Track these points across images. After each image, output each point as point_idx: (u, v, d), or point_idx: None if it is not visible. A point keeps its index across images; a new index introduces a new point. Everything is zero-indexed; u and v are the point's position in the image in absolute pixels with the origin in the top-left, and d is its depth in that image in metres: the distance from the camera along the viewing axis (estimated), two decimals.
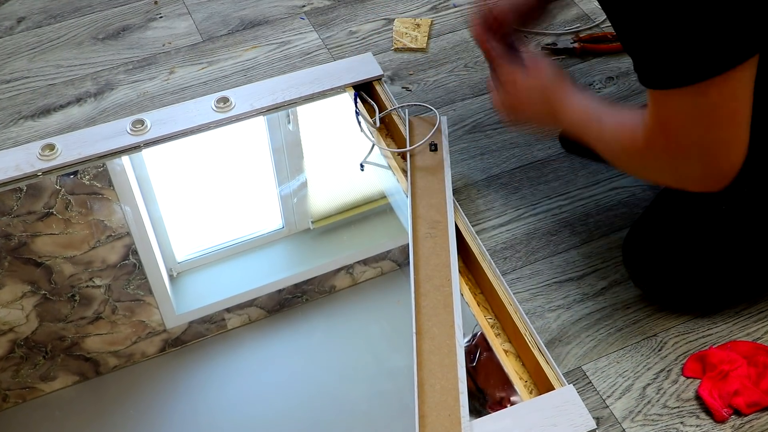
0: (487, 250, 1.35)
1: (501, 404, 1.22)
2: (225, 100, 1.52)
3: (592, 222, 1.48)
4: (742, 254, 1.26)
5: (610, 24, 1.01)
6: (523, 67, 1.27)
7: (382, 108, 1.55)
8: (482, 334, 1.25)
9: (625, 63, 1.72)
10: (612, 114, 1.13)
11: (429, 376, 1.15)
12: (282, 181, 1.64)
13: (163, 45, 1.81)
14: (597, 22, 1.82)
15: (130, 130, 1.48)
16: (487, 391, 1.24)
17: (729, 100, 0.92)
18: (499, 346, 1.25)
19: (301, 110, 1.61)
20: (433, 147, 1.44)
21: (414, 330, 1.19)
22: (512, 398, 1.21)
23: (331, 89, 1.55)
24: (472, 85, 1.70)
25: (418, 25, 1.83)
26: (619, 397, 1.26)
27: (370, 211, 1.58)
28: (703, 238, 1.26)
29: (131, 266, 1.46)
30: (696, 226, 1.26)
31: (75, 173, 1.50)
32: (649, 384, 1.28)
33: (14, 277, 1.44)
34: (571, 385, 1.16)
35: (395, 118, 1.53)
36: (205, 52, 1.79)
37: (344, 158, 1.66)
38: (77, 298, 1.42)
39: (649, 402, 1.26)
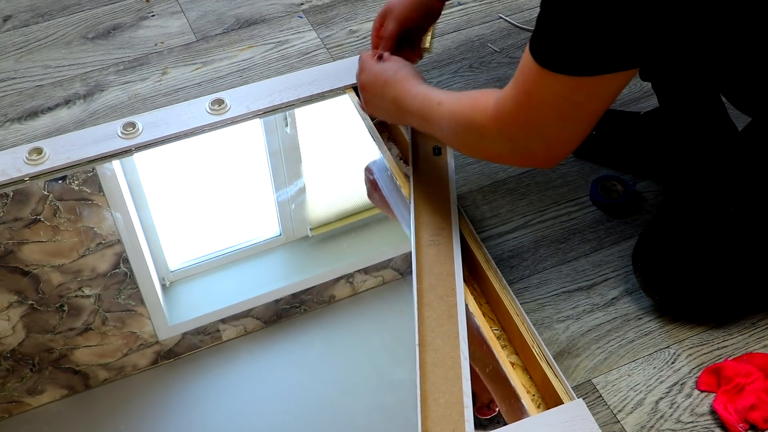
0: (493, 258, 1.36)
1: (490, 408, 1.23)
2: (220, 102, 1.53)
3: (603, 229, 1.48)
4: (754, 257, 1.27)
5: None
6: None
7: None
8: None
9: None
10: (454, 95, 1.21)
11: (432, 390, 1.15)
12: (279, 186, 1.65)
13: (156, 45, 1.82)
14: None
15: (121, 133, 1.49)
16: (476, 394, 1.24)
17: (592, 100, 1.04)
18: (505, 358, 1.25)
19: (299, 112, 1.62)
20: (437, 151, 1.45)
21: (417, 342, 1.20)
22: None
23: (331, 91, 1.56)
24: (478, 87, 1.71)
25: None
26: (631, 412, 1.27)
27: (371, 217, 1.58)
28: (714, 241, 1.27)
29: (122, 275, 1.47)
30: (705, 230, 1.27)
31: (63, 178, 1.51)
32: (661, 398, 1.28)
33: (0, 286, 1.44)
34: (581, 399, 1.17)
35: None
36: (199, 52, 1.80)
37: (344, 163, 1.66)
38: (66, 308, 1.43)
39: (662, 417, 1.26)
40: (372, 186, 1.52)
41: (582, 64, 0.99)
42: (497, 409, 1.25)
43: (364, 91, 1.40)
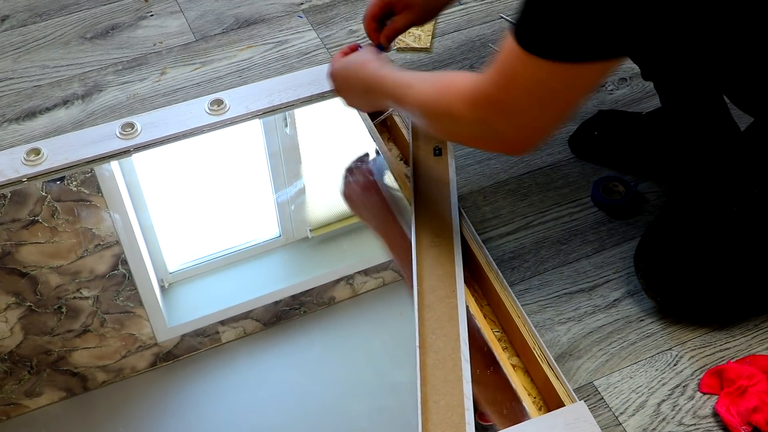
0: (494, 259, 1.36)
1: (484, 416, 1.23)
2: (219, 102, 1.53)
3: (605, 230, 1.49)
4: (757, 258, 1.27)
5: None
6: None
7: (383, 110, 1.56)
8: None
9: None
10: (424, 76, 1.21)
11: (433, 392, 1.15)
12: (279, 187, 1.65)
13: (154, 44, 1.83)
14: None
15: (120, 133, 1.49)
16: (478, 400, 1.24)
17: (571, 89, 1.04)
18: (506, 360, 1.25)
19: (299, 113, 1.62)
20: (438, 151, 1.45)
21: (417, 344, 1.20)
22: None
23: (331, 91, 1.56)
24: None
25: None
26: (633, 414, 1.27)
27: None
28: (716, 243, 1.27)
29: (120, 277, 1.47)
30: (708, 231, 1.27)
31: (62, 179, 1.51)
32: (664, 400, 1.28)
33: None
34: (582, 401, 1.17)
35: (397, 121, 1.54)
36: (198, 52, 1.80)
37: (344, 163, 1.66)
38: (64, 310, 1.43)
39: (664, 419, 1.26)
40: (358, 188, 1.52)
41: (565, 50, 0.98)
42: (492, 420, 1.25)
43: (335, 83, 1.40)
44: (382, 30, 1.42)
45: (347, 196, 1.56)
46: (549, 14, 0.98)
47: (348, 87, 1.37)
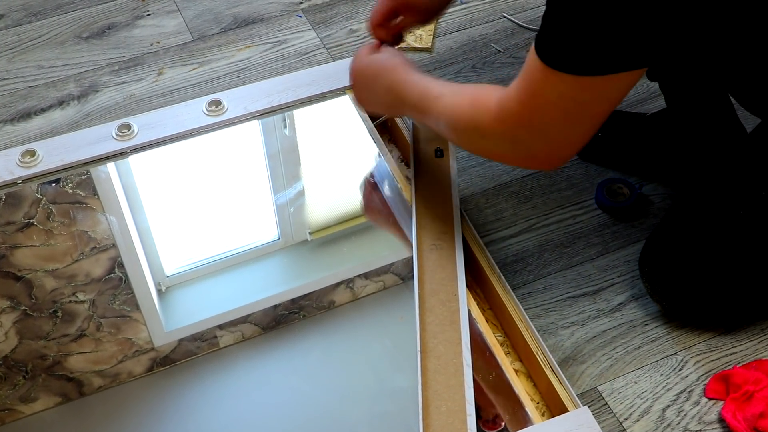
0: (497, 262, 1.36)
1: (495, 423, 1.23)
2: (217, 103, 1.53)
3: (609, 233, 1.49)
4: (763, 261, 1.27)
5: None
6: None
7: None
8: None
9: None
10: (453, 87, 1.21)
11: (434, 398, 1.15)
12: (278, 189, 1.65)
13: (151, 44, 1.83)
14: None
15: (116, 135, 1.49)
16: (481, 407, 1.24)
17: (598, 101, 1.05)
18: (509, 365, 1.25)
19: (298, 114, 1.62)
20: (439, 153, 1.46)
21: (418, 348, 1.20)
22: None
23: (330, 92, 1.57)
24: None
25: None
26: (637, 420, 1.27)
27: (372, 221, 1.58)
28: (723, 246, 1.27)
29: (117, 280, 1.47)
30: (714, 234, 1.27)
31: (57, 181, 1.51)
32: (669, 406, 1.29)
33: None
34: (586, 406, 1.17)
35: (398, 122, 1.54)
36: (195, 52, 1.81)
37: (344, 165, 1.67)
38: (59, 314, 1.43)
39: (669, 425, 1.26)
40: (373, 199, 1.52)
41: (588, 64, 0.99)
42: (503, 423, 1.25)
43: (354, 80, 1.39)
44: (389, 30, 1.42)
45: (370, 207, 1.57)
46: (570, 28, 0.98)
47: (369, 87, 1.35)
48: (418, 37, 1.80)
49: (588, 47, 0.98)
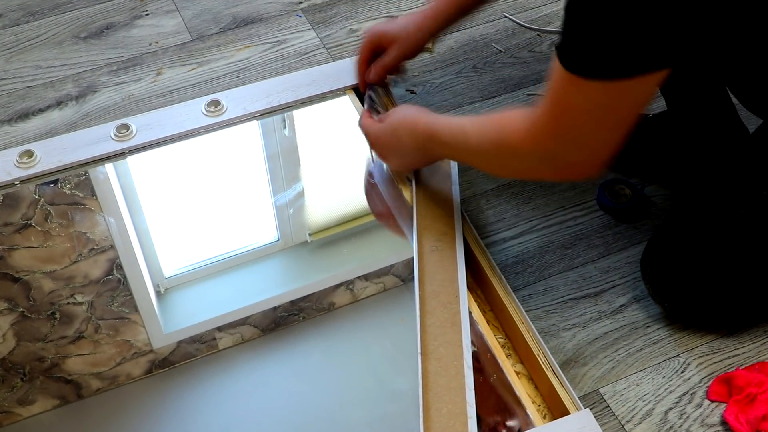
0: (498, 264, 1.36)
1: (496, 430, 1.23)
2: (216, 103, 1.54)
3: (610, 234, 1.49)
4: (766, 261, 1.27)
5: None
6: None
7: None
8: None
9: None
10: (479, 119, 1.23)
11: (435, 400, 1.15)
12: (277, 190, 1.65)
13: (150, 44, 1.83)
14: None
15: (115, 135, 1.49)
16: (480, 415, 1.24)
17: (627, 104, 1.05)
18: (510, 367, 1.25)
19: (298, 114, 1.62)
20: None
21: (419, 350, 1.20)
22: (508, 423, 1.22)
23: (330, 92, 1.57)
24: (481, 88, 1.71)
25: None
26: (639, 422, 1.27)
27: (372, 222, 1.58)
28: (725, 247, 1.27)
29: (115, 282, 1.47)
30: (716, 235, 1.27)
31: (55, 182, 1.52)
32: (671, 408, 1.28)
33: None
34: (588, 409, 1.17)
35: None
36: (194, 52, 1.81)
37: (344, 166, 1.67)
38: (57, 315, 1.43)
39: (671, 428, 1.26)
40: (374, 191, 1.52)
41: (613, 68, 0.99)
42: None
43: (384, 158, 1.42)
44: (369, 69, 1.49)
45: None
46: (592, 33, 0.98)
47: (398, 148, 1.36)
48: None
49: (612, 50, 0.98)
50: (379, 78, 1.50)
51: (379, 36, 1.47)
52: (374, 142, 1.40)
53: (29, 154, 1.46)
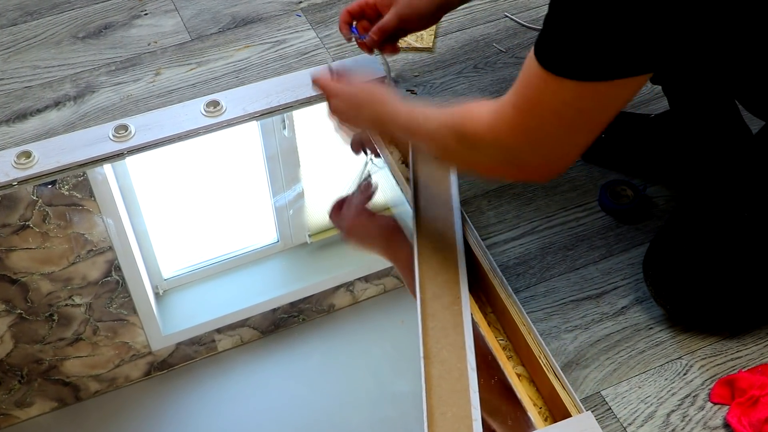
0: (499, 265, 1.36)
1: None
2: (215, 103, 1.54)
3: (612, 236, 1.49)
4: None
5: None
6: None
7: None
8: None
9: None
10: (442, 108, 1.19)
11: (439, 403, 1.15)
12: (277, 191, 1.65)
13: (149, 44, 1.83)
14: None
15: (113, 136, 1.49)
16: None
17: (598, 108, 1.02)
18: (511, 369, 1.26)
19: (298, 115, 1.62)
20: None
21: (422, 353, 1.20)
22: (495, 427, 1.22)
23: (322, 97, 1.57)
24: (482, 88, 1.71)
25: None
26: (642, 425, 1.27)
27: None
28: (728, 248, 1.27)
29: (114, 283, 1.47)
30: (719, 236, 1.27)
31: (53, 183, 1.52)
32: (673, 410, 1.29)
33: None
34: (590, 411, 1.17)
35: None
36: (193, 52, 1.81)
37: (343, 166, 1.67)
38: (55, 317, 1.43)
39: (673, 430, 1.26)
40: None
41: (590, 69, 0.98)
42: None
43: (337, 111, 1.38)
44: (371, 29, 1.43)
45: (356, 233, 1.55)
46: (572, 32, 0.97)
47: (355, 115, 1.35)
48: (419, 36, 1.80)
49: (591, 51, 0.97)
50: (373, 43, 1.43)
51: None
52: (332, 99, 1.37)
53: (27, 154, 1.46)
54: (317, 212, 1.64)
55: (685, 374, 1.32)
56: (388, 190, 1.48)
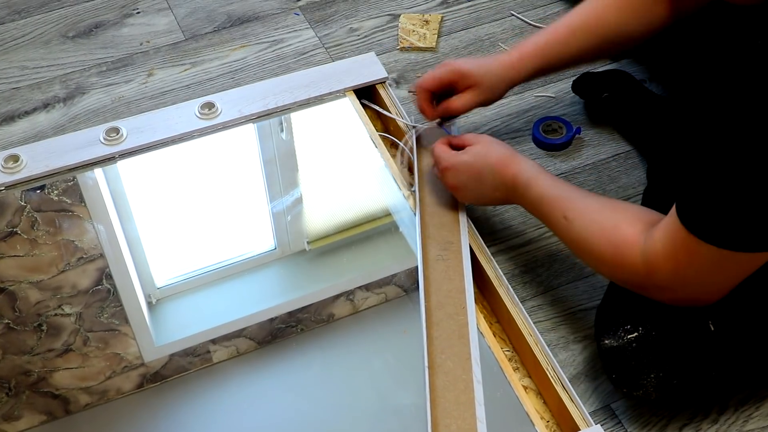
0: (505, 274, 1.36)
1: None
2: (210, 105, 1.54)
3: None
4: (729, 373, 1.25)
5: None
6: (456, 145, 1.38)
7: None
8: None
9: None
10: (582, 207, 1.21)
11: (444, 416, 1.16)
12: (274, 196, 1.66)
13: (141, 44, 1.83)
14: None
15: (104, 139, 1.50)
16: None
17: (743, 271, 1.07)
18: (517, 381, 1.26)
19: (296, 117, 1.63)
20: None
21: (426, 364, 1.20)
22: None
23: (329, 93, 1.57)
24: None
25: (427, 22, 1.85)
26: None
27: (373, 230, 1.59)
28: (692, 358, 1.22)
29: (105, 292, 1.47)
30: (684, 346, 1.23)
31: (42, 188, 1.52)
32: (686, 424, 1.29)
33: None
34: (599, 425, 1.17)
35: (401, 126, 1.54)
36: (187, 52, 1.81)
37: (344, 171, 1.67)
38: (44, 327, 1.43)
39: None
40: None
41: (738, 241, 1.01)
42: None
43: (453, 189, 1.38)
44: (438, 106, 1.43)
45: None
46: (721, 202, 1.00)
47: (475, 187, 1.34)
48: (422, 36, 1.81)
49: (739, 224, 1.00)
50: (437, 117, 1.46)
51: (458, 74, 1.40)
52: (448, 172, 1.36)
53: (15, 158, 1.46)
54: (316, 218, 1.64)
55: None
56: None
